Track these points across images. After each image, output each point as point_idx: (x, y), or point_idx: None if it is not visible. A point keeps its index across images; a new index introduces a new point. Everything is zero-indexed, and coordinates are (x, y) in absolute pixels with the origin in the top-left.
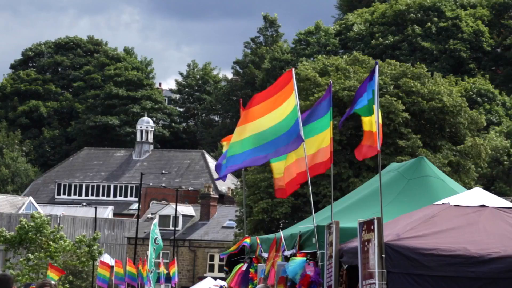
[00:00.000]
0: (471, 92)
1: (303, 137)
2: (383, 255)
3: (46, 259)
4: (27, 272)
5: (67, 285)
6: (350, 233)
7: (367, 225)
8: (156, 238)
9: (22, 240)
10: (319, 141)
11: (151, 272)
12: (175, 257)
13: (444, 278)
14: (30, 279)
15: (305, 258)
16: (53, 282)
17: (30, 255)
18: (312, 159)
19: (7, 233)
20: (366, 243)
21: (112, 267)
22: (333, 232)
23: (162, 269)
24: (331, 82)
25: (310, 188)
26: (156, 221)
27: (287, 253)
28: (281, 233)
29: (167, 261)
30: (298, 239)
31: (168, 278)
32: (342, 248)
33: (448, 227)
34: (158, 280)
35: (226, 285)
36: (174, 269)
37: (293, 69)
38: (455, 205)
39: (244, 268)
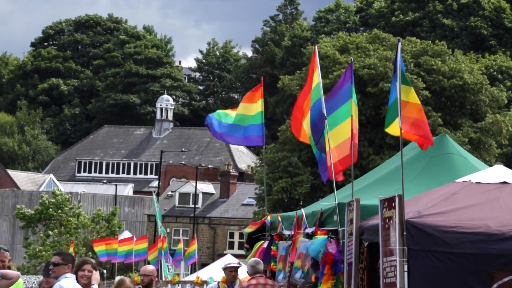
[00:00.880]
0: (492, 70)
1: (325, 114)
2: (404, 233)
3: (66, 236)
4: (48, 249)
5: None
6: (371, 210)
7: (388, 203)
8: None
9: (42, 217)
10: (342, 132)
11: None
12: (195, 235)
13: (465, 255)
14: (51, 256)
15: (326, 236)
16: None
17: (50, 232)
18: (338, 152)
19: (26, 211)
20: (387, 221)
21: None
22: (354, 209)
23: (180, 246)
24: (352, 60)
25: (332, 164)
26: (154, 196)
27: (309, 230)
28: (303, 211)
29: (187, 238)
30: (319, 217)
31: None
32: (362, 225)
33: (469, 204)
34: (172, 256)
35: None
36: (194, 247)
37: (316, 46)
38: (477, 182)
39: (265, 245)
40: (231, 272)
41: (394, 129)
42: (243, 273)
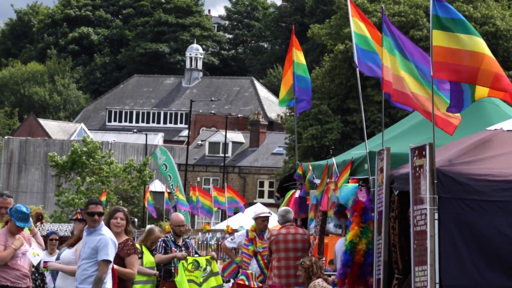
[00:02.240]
0: None
1: (356, 62)
2: (435, 181)
3: (98, 184)
4: (81, 197)
5: None
6: (401, 159)
7: (419, 151)
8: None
9: (74, 165)
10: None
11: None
12: (225, 184)
13: (497, 203)
14: (83, 204)
15: (357, 184)
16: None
17: (87, 178)
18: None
19: (58, 158)
20: (417, 169)
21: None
22: (384, 158)
23: (215, 194)
24: (383, 8)
25: (363, 114)
26: (157, 150)
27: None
28: (333, 159)
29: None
30: (350, 165)
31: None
32: (393, 174)
33: (501, 152)
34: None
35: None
36: (224, 196)
37: None
38: (508, 130)
39: (296, 194)
40: (263, 221)
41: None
42: (274, 222)
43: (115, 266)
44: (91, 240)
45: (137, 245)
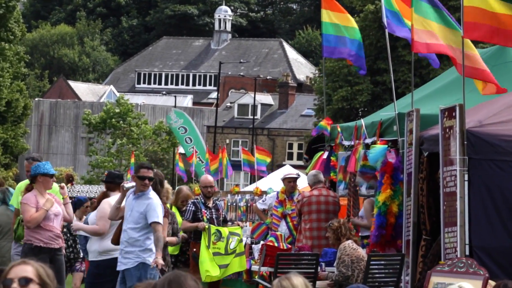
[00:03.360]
0: None
1: (385, 23)
2: (465, 142)
3: (128, 146)
4: (111, 159)
5: None
6: (430, 120)
7: (449, 112)
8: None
9: (106, 125)
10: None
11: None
12: (254, 146)
13: None
14: (113, 166)
15: (386, 146)
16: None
17: (118, 139)
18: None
19: (91, 117)
20: (447, 130)
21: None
22: (414, 119)
23: (244, 156)
24: None
25: (391, 75)
26: (172, 113)
27: (368, 140)
28: (362, 121)
29: (247, 149)
30: (379, 127)
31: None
32: (422, 135)
33: None
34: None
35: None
36: (254, 158)
37: None
38: None
39: (325, 156)
40: (289, 182)
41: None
42: (303, 184)
43: None
44: (139, 204)
45: (168, 205)
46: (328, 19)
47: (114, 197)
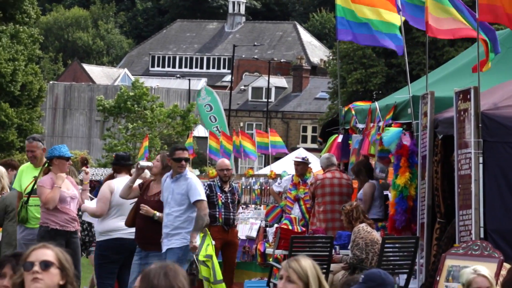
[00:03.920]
0: None
1: (399, 5)
2: (480, 125)
3: (143, 130)
4: (125, 142)
5: None
6: (445, 103)
7: (463, 95)
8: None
9: (121, 109)
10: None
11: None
12: (268, 128)
13: None
14: (128, 149)
15: (401, 129)
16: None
17: (129, 124)
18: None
19: (106, 101)
20: (462, 113)
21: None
22: (428, 102)
23: (259, 138)
24: None
25: (406, 57)
26: (203, 89)
27: (382, 123)
28: (376, 104)
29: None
30: (393, 110)
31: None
32: (437, 118)
33: None
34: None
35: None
36: (268, 140)
37: None
38: None
39: (339, 139)
40: (297, 165)
41: None
42: (316, 167)
43: (159, 214)
44: (178, 186)
45: None
46: (344, 3)
47: (119, 179)
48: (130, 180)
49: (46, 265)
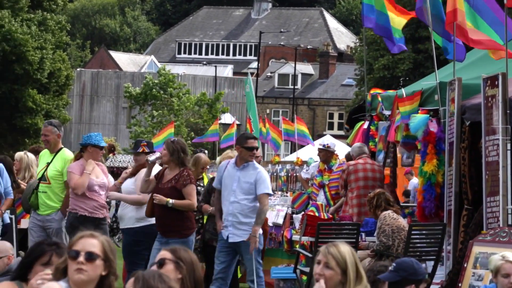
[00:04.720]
0: None
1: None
2: (508, 111)
3: (169, 117)
4: (151, 130)
5: (189, 141)
6: (472, 89)
7: (491, 81)
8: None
9: (147, 96)
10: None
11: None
12: (295, 115)
13: None
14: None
15: (427, 115)
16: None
17: (154, 112)
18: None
19: (132, 89)
20: (489, 99)
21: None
22: (455, 88)
23: (285, 126)
24: None
25: (433, 43)
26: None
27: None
28: (403, 90)
29: (287, 119)
30: (420, 96)
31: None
32: (464, 104)
33: None
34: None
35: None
36: (294, 127)
37: None
38: None
39: (365, 126)
40: (320, 152)
41: None
42: (341, 154)
43: (173, 201)
44: (246, 175)
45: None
46: None
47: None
48: (145, 174)
49: (91, 256)
